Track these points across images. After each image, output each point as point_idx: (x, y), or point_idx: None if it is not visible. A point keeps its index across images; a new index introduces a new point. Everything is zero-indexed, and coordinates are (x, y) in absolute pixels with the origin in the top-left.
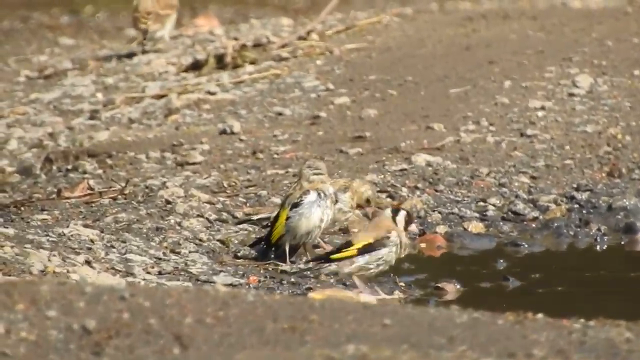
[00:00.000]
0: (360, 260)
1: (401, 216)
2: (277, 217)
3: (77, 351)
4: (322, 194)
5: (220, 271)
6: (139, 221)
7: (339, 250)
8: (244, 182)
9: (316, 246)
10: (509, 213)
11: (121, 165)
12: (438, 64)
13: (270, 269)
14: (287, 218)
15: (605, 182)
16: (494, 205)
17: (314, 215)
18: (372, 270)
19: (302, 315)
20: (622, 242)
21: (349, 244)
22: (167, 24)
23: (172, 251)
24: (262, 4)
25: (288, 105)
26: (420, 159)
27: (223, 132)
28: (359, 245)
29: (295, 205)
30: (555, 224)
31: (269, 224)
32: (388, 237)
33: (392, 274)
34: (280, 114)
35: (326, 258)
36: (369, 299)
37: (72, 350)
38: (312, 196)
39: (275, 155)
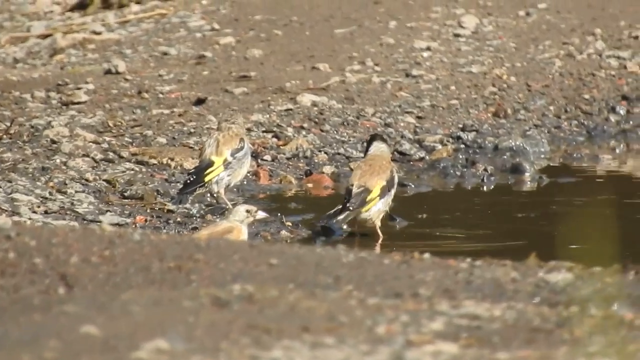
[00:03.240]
0: (380, 205)
1: (384, 143)
2: (211, 163)
3: None
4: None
5: (107, 211)
6: (25, 161)
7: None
8: (130, 121)
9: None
10: (395, 153)
11: (6, 104)
12: (323, 4)
13: (157, 208)
14: (228, 163)
15: (491, 123)
16: None
17: (247, 164)
18: (386, 211)
19: (189, 254)
20: (509, 182)
21: (367, 191)
22: None
23: (58, 191)
24: None
25: (173, 45)
26: (306, 99)
27: (108, 71)
28: (377, 191)
29: (237, 151)
30: (442, 164)
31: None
32: (393, 175)
33: (279, 214)
34: (165, 53)
35: (353, 210)
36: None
37: None
38: (247, 146)
39: (161, 95)
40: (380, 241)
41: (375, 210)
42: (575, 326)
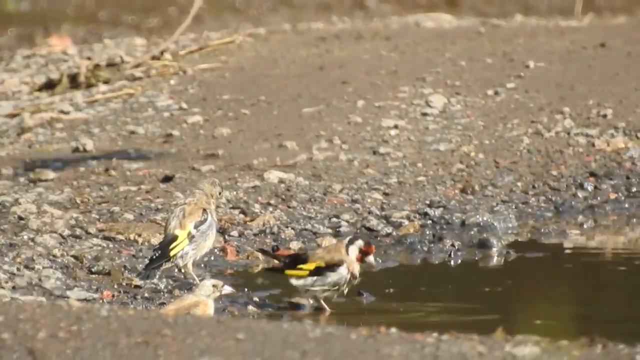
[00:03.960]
0: (308, 281)
1: (355, 246)
2: (174, 237)
3: None
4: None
5: (74, 286)
6: None
7: (295, 263)
8: (97, 198)
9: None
10: (362, 229)
11: None
12: (291, 84)
13: (124, 284)
14: (192, 237)
15: (459, 199)
16: (347, 221)
17: (212, 236)
18: (318, 292)
19: (156, 329)
20: (476, 258)
21: (305, 260)
22: None
23: (26, 266)
24: (116, 23)
25: (141, 124)
26: (273, 175)
27: (76, 150)
28: (311, 266)
29: (200, 224)
30: (409, 240)
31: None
32: (338, 266)
33: (246, 289)
34: (133, 132)
35: (281, 270)
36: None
37: None
38: (211, 218)
39: (128, 173)
40: (327, 314)
41: (303, 283)
42: None
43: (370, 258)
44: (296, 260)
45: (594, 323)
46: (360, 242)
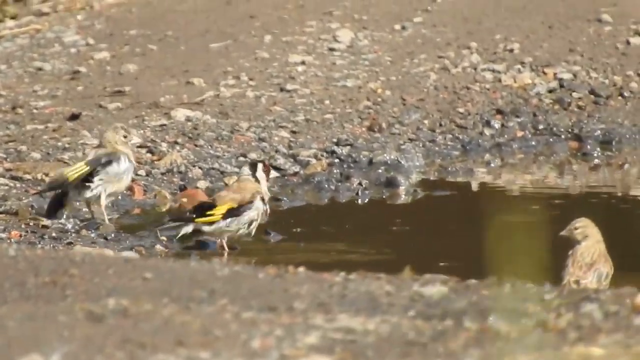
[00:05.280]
0: (222, 224)
1: (260, 170)
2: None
3: None
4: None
5: None
6: None
7: (202, 211)
8: (4, 137)
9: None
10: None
11: None
12: (199, 18)
13: (32, 223)
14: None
15: (366, 137)
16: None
17: (127, 179)
18: (235, 233)
19: (63, 269)
20: (384, 196)
21: (212, 206)
22: None
23: None
24: None
25: (48, 60)
26: (180, 113)
27: None
28: (222, 209)
29: (109, 163)
30: (316, 179)
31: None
32: (252, 203)
33: (154, 228)
34: (40, 69)
35: (188, 219)
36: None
37: None
38: (126, 161)
39: (35, 110)
40: (225, 255)
41: (217, 227)
42: (449, 339)
43: (273, 173)
44: (202, 208)
45: (501, 261)
46: (260, 165)
